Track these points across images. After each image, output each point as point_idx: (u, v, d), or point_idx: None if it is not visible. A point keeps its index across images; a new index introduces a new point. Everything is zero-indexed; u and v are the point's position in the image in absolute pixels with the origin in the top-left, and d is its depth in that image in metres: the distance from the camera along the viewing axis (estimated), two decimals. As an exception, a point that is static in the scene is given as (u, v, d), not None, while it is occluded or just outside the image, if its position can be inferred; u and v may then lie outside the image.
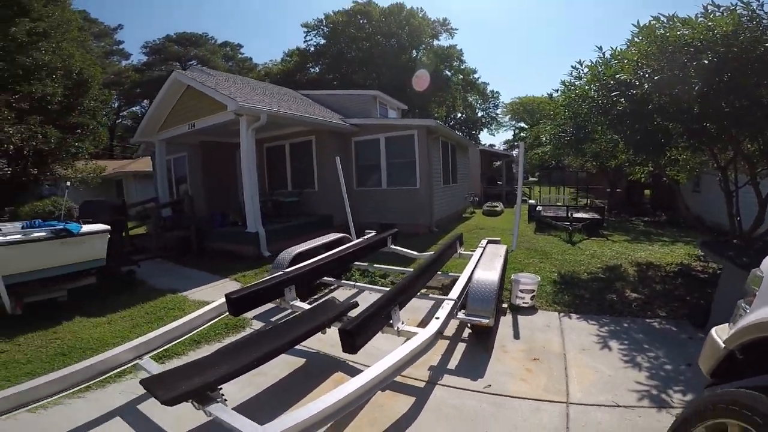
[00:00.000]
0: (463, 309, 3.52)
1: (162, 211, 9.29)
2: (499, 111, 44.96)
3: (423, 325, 3.22)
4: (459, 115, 39.96)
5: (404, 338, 3.64)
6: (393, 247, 5.87)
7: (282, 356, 2.98)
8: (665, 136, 4.79)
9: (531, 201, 12.38)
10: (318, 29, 34.91)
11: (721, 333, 1.88)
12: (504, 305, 4.38)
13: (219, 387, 2.24)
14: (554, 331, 4.01)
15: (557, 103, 6.01)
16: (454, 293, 3.59)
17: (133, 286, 5.90)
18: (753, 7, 3.82)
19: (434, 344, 3.00)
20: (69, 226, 4.57)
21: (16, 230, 4.46)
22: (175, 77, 8.88)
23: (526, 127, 44.05)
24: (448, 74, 35.77)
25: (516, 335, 3.94)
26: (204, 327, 3.37)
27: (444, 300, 3.52)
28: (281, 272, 4.12)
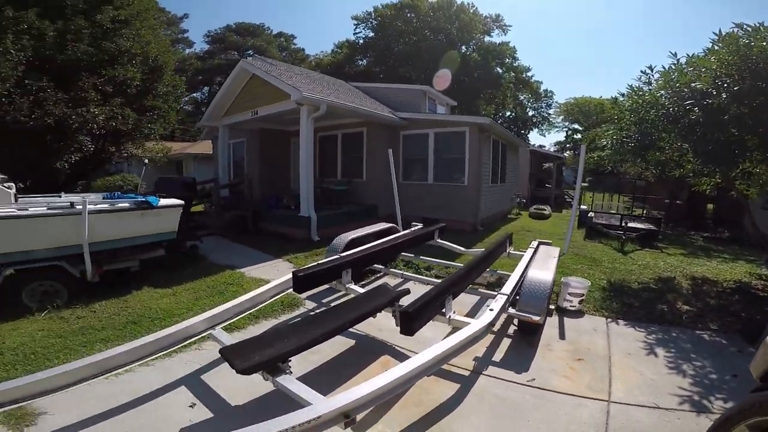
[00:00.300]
0: (513, 305, 3.62)
1: (220, 192, 9.94)
2: (552, 111, 43.30)
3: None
4: (508, 114, 38.95)
5: (450, 328, 3.83)
6: (439, 241, 6.00)
7: (335, 337, 3.15)
8: (740, 148, 4.57)
9: (583, 206, 11.99)
10: (367, 22, 35.15)
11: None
12: (551, 307, 4.40)
13: (288, 359, 2.42)
14: (600, 335, 4.01)
15: (622, 107, 5.84)
16: (507, 289, 3.69)
17: (196, 261, 6.37)
18: None
19: (485, 335, 3.12)
20: (149, 199, 4.96)
21: (99, 200, 4.79)
22: (242, 66, 9.42)
23: (581, 129, 42.13)
24: (499, 71, 34.87)
25: (562, 336, 3.99)
26: (268, 302, 3.60)
27: (496, 294, 3.63)
28: (337, 256, 4.39)
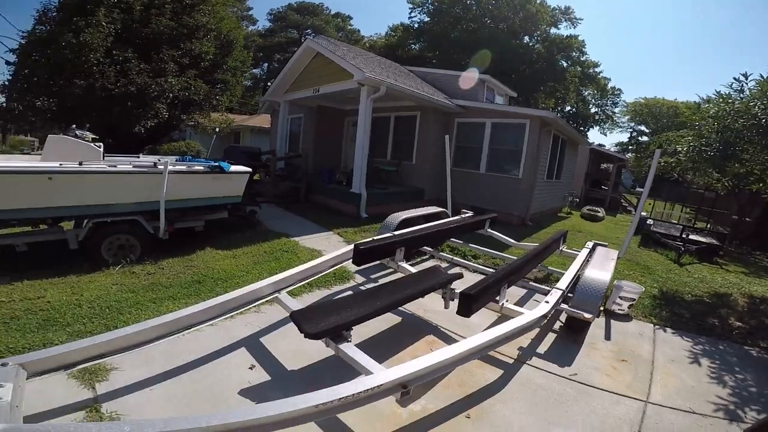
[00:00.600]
0: (564, 302, 3.65)
1: (277, 163, 10.42)
2: (618, 110, 40.63)
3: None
4: (568, 108, 37.05)
5: (495, 316, 3.92)
6: (490, 231, 6.01)
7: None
8: None
9: (642, 213, 11.38)
10: (423, 6, 34.37)
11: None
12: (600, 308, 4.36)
13: (351, 328, 2.54)
14: (646, 340, 3.98)
15: (704, 114, 5.52)
16: (563, 284, 3.75)
17: (253, 225, 6.76)
18: None
19: (537, 326, 3.20)
20: (221, 164, 5.33)
21: (176, 162, 5.15)
22: (308, 44, 9.72)
23: (647, 132, 39.28)
24: (564, 65, 33.09)
25: (607, 337, 3.97)
26: (327, 271, 3.77)
27: (550, 289, 3.69)
28: (390, 234, 4.55)
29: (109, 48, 10.15)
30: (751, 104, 4.73)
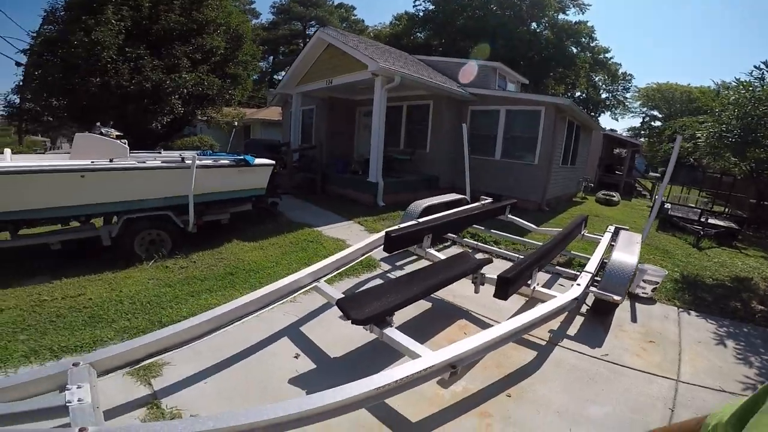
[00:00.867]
0: (593, 285, 3.69)
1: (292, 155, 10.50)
2: (629, 95, 39.91)
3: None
4: (579, 94, 36.50)
5: (523, 300, 3.98)
6: (510, 217, 6.04)
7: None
8: None
9: (656, 196, 11.30)
10: (428, -7, 33.87)
11: None
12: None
13: (393, 314, 2.62)
14: (671, 322, 4.02)
15: (725, 101, 5.51)
16: (591, 267, 3.80)
17: (275, 216, 6.88)
18: None
19: (570, 308, 3.25)
20: (246, 158, 5.43)
21: (202, 156, 5.21)
22: (319, 36, 9.71)
23: (660, 117, 38.57)
24: (574, 51, 32.52)
25: (633, 319, 4.02)
26: (361, 258, 3.83)
27: (582, 272, 3.74)
28: (415, 221, 4.60)
29: (122, 46, 10.23)
30: None
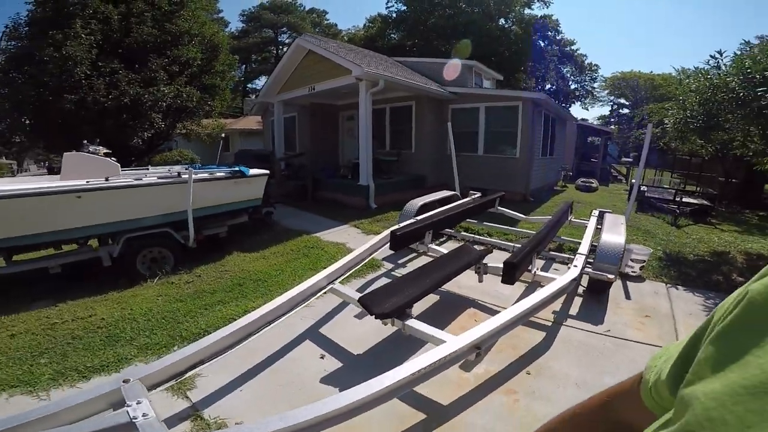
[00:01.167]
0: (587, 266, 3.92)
1: (280, 163, 10.49)
2: (597, 85, 41.32)
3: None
4: (549, 87, 37.55)
5: (524, 287, 4.18)
6: (500, 209, 6.29)
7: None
8: None
9: (633, 181, 11.85)
10: (399, -6, 34.15)
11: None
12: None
13: (412, 306, 2.77)
14: (662, 298, 4.28)
15: (686, 88, 5.88)
16: (584, 249, 4.02)
17: (270, 226, 6.91)
18: None
19: (570, 288, 3.44)
20: (242, 169, 5.44)
21: (191, 171, 5.00)
22: (299, 43, 9.77)
23: (627, 104, 40.09)
24: (542, 44, 33.46)
25: (627, 296, 4.27)
26: (369, 258, 3.94)
27: (576, 255, 3.96)
28: (413, 220, 4.75)
29: (95, 60, 10.00)
30: (728, 79, 5.06)
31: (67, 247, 4.77)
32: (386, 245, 4.03)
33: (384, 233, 4.08)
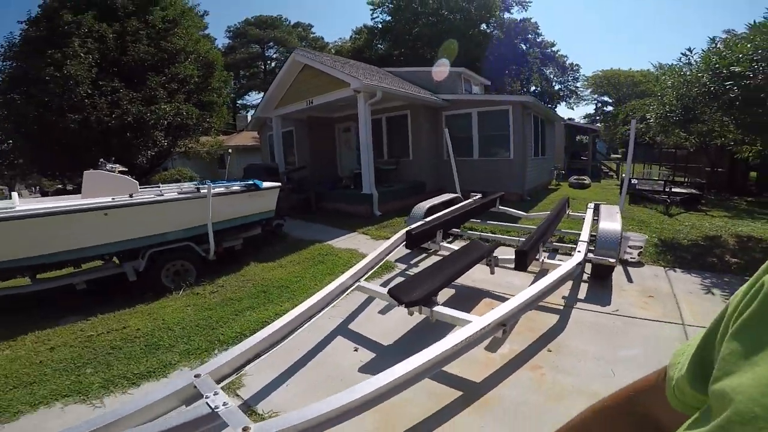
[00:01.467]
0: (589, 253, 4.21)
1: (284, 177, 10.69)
2: (579, 84, 42.32)
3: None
4: (534, 89, 38.42)
5: (531, 276, 4.45)
6: (502, 208, 6.61)
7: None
8: None
9: (624, 175, 12.29)
10: (383, 5, 34.85)
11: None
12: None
13: (437, 294, 3.03)
14: (662, 280, 4.56)
15: (664, 85, 6.27)
16: (584, 236, 4.30)
17: (282, 237, 7.11)
18: None
19: (576, 273, 3.71)
20: (256, 182, 5.65)
21: (210, 186, 5.08)
22: (294, 58, 10.07)
23: (610, 102, 41.08)
24: (524, 48, 34.33)
25: (629, 280, 4.57)
26: (387, 257, 4.16)
27: (578, 242, 4.25)
28: (422, 221, 5.02)
29: (95, 79, 10.16)
30: (700, 75, 5.44)
31: (86, 265, 4.88)
32: (401, 245, 4.29)
33: (398, 234, 4.35)
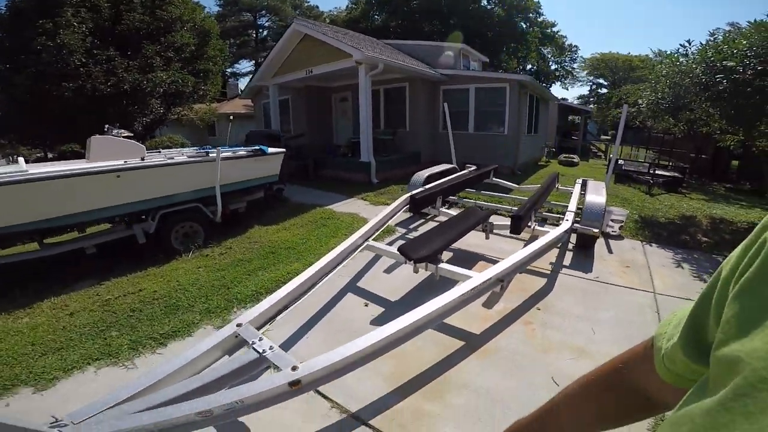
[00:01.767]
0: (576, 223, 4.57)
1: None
2: (576, 65, 42.16)
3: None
4: (530, 67, 38.18)
5: (521, 243, 4.81)
6: (495, 180, 6.94)
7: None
8: (758, 112, 5.31)
9: (611, 156, 12.69)
10: (383, -25, 33.77)
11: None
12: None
13: (441, 253, 3.31)
14: (639, 252, 4.96)
15: (658, 73, 6.57)
16: (572, 207, 4.66)
17: (283, 202, 7.30)
18: None
19: (563, 240, 4.07)
20: (261, 147, 5.80)
21: (219, 150, 5.23)
22: (295, 27, 9.98)
23: (605, 84, 41.17)
24: (524, 26, 33.92)
25: (610, 251, 4.96)
26: (392, 219, 4.40)
27: (566, 212, 4.60)
28: (421, 189, 5.26)
29: (89, 48, 9.99)
30: (694, 66, 5.75)
31: (95, 229, 4.97)
32: (405, 208, 4.59)
33: (402, 198, 4.66)
